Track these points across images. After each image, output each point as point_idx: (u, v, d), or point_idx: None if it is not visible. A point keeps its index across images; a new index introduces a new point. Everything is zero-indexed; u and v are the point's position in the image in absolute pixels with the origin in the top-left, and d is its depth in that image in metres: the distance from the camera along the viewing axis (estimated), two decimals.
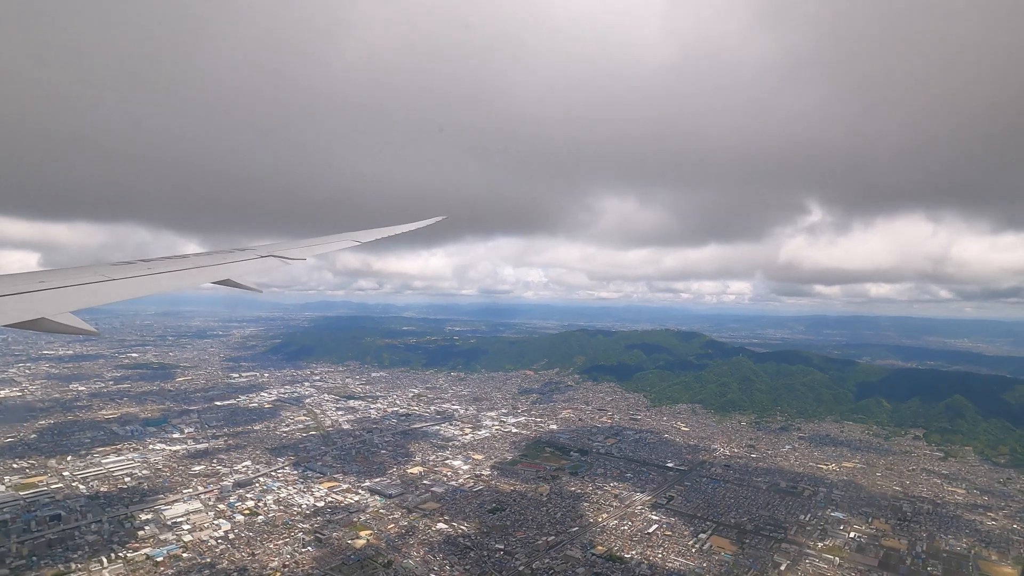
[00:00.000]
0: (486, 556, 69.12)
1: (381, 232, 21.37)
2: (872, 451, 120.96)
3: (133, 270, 11.44)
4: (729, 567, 68.45)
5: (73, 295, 9.25)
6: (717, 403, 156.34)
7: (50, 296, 8.92)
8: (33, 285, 9.17)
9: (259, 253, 15.41)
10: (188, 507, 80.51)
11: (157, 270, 11.82)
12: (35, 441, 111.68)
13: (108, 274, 10.73)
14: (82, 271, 10.86)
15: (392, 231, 22.40)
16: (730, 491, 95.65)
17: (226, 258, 14.39)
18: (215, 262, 13.68)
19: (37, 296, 8.80)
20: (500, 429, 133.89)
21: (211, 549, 68.37)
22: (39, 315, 8.02)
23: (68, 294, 9.22)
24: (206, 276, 12.40)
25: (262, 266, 14.50)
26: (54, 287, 9.30)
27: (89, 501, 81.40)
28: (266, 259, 14.96)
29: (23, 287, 8.99)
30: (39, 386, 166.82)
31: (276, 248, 16.49)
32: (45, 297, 8.84)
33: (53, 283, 9.45)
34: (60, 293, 9.14)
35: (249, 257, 14.81)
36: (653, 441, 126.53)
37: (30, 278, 9.65)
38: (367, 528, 75.97)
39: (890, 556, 73.18)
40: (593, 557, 69.50)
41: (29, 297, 8.70)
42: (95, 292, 9.69)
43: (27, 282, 9.30)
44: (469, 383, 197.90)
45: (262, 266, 14.50)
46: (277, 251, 15.90)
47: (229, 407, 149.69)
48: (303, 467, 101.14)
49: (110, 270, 11.12)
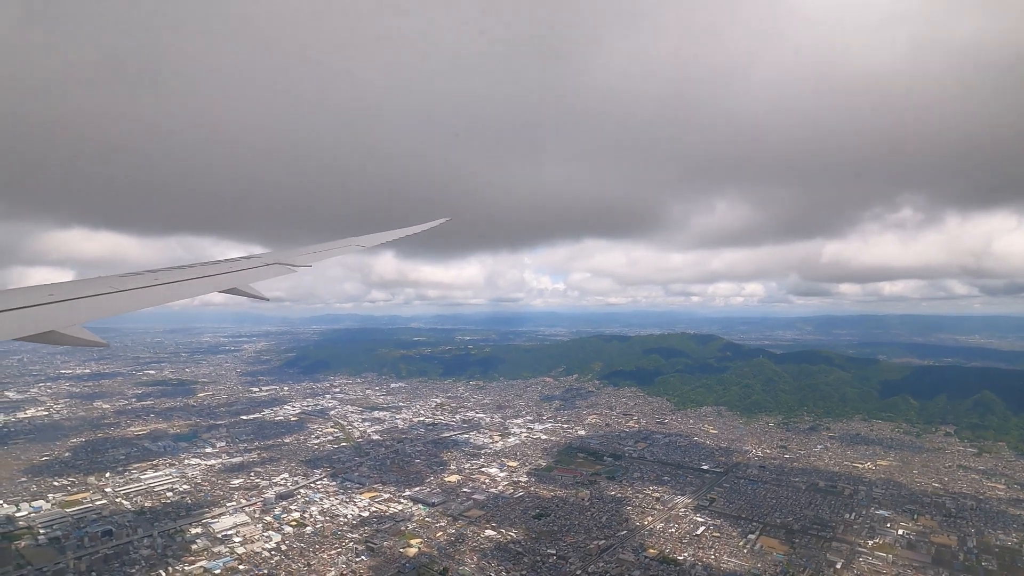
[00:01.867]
0: (539, 561, 69.18)
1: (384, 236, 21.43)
2: (905, 449, 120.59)
3: (141, 281, 11.43)
4: (784, 567, 68.37)
5: (83, 307, 9.29)
6: (742, 405, 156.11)
7: (60, 309, 8.96)
8: (43, 298, 9.20)
9: (265, 261, 15.26)
10: (235, 520, 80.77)
11: (164, 280, 11.76)
12: (70, 459, 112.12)
13: (117, 285, 10.72)
14: (91, 283, 10.84)
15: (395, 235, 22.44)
16: (770, 492, 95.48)
17: (232, 267, 14.31)
18: (221, 271, 13.64)
19: (47, 309, 8.83)
20: (529, 436, 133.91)
21: (266, 561, 68.60)
22: (49, 328, 8.07)
23: (78, 306, 9.26)
24: (213, 285, 12.26)
25: (268, 274, 14.34)
26: (64, 300, 9.34)
27: (136, 516, 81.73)
28: (272, 266, 14.81)
29: (33, 300, 9.02)
30: (64, 405, 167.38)
31: (281, 255, 16.38)
32: (55, 310, 8.86)
33: (63, 296, 9.50)
34: (70, 306, 9.17)
35: (255, 265, 14.69)
36: (684, 444, 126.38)
37: (40, 291, 9.71)
38: (416, 536, 76.10)
39: (942, 552, 72.94)
40: (647, 560, 69.48)
41: (39, 310, 8.72)
42: (105, 304, 9.69)
43: (37, 295, 9.35)
44: (489, 391, 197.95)
45: (268, 274, 14.34)
46: (283, 258, 15.77)
47: (255, 421, 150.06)
48: (341, 478, 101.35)
49: (119, 281, 11.12)
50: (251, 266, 14.50)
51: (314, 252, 17.24)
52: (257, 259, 15.40)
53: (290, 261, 15.41)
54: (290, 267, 14.96)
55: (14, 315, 8.34)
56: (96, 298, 9.80)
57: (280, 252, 17.32)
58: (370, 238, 20.27)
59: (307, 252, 17.15)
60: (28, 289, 10.06)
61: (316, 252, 17.27)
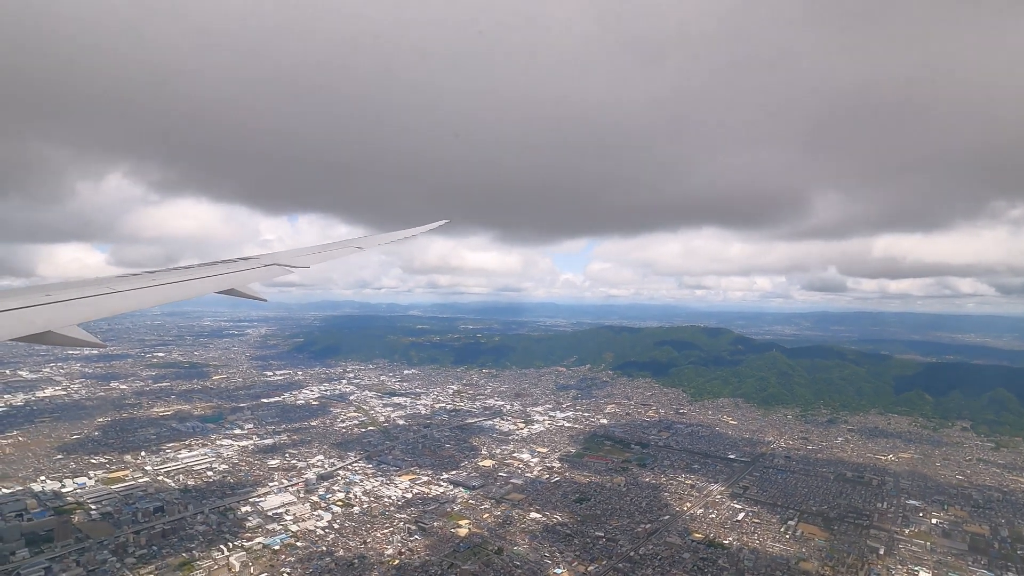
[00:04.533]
0: (590, 543, 70.62)
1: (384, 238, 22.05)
2: (924, 442, 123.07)
3: (138, 282, 11.51)
4: (828, 552, 70.18)
5: (79, 308, 9.34)
6: (759, 397, 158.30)
7: (56, 309, 9.01)
8: (39, 299, 9.26)
9: (263, 262, 15.43)
10: (282, 499, 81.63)
11: (161, 281, 11.90)
12: (100, 438, 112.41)
13: (113, 286, 10.79)
14: (88, 284, 10.92)
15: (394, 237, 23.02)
16: (799, 481, 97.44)
17: (230, 268, 14.45)
18: (219, 272, 13.75)
19: (44, 310, 8.89)
20: (552, 423, 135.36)
21: (321, 538, 69.60)
22: (45, 328, 8.15)
23: (74, 307, 9.30)
24: (210, 286, 12.46)
25: (266, 275, 14.55)
26: (60, 300, 9.41)
27: (183, 494, 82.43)
28: (270, 267, 15.00)
29: (30, 301, 9.08)
30: (80, 385, 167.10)
31: (280, 256, 16.53)
32: (51, 310, 8.92)
33: (59, 296, 9.57)
34: (66, 306, 9.24)
35: (253, 266, 14.85)
36: (706, 434, 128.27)
37: (36, 292, 9.80)
38: (464, 518, 77.30)
39: (977, 541, 75.05)
40: (694, 543, 71.10)
41: (36, 311, 8.77)
42: (101, 304, 9.76)
43: (33, 296, 9.41)
44: (503, 379, 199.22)
45: (266, 275, 14.55)
46: (281, 259, 15.96)
47: (277, 404, 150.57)
48: (376, 461, 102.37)
49: (115, 282, 11.24)
50: (249, 267, 14.72)
51: (313, 253, 17.59)
52: (255, 260, 15.61)
53: (288, 262, 15.68)
54: (288, 268, 15.24)
55: (11, 315, 8.35)
56: (93, 299, 9.91)
57: (279, 253, 17.51)
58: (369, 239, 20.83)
59: (306, 253, 17.47)
60: (25, 289, 10.18)
61: (315, 254, 17.64)
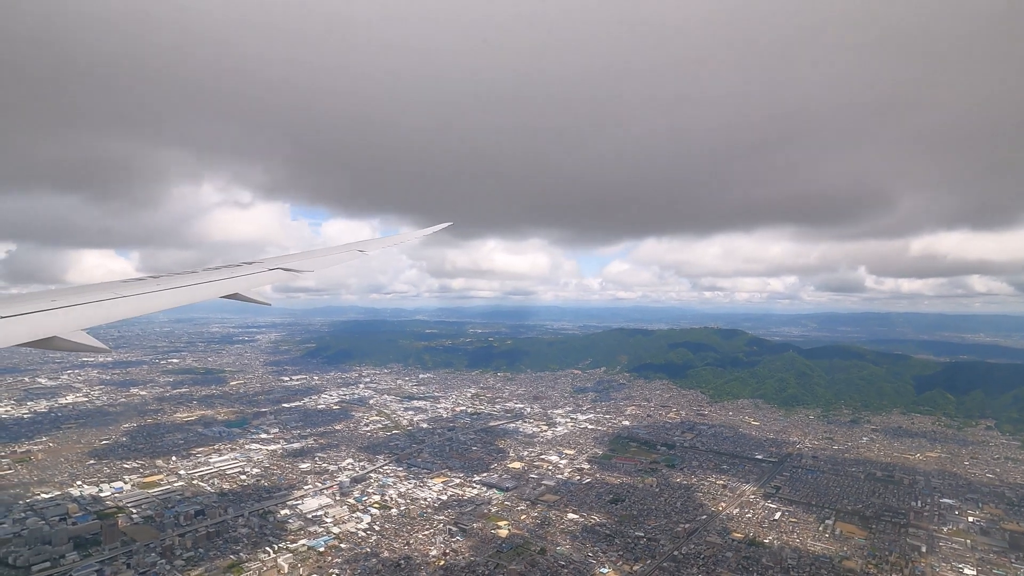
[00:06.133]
0: (631, 543, 70.77)
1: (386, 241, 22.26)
2: (949, 441, 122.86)
3: (143, 286, 11.58)
4: (869, 551, 70.18)
5: (85, 313, 9.39)
6: (778, 398, 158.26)
7: (62, 314, 9.05)
8: (45, 304, 9.29)
9: (267, 266, 15.47)
10: (319, 502, 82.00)
11: (167, 286, 11.97)
12: (129, 443, 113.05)
13: (119, 291, 10.86)
14: (93, 289, 10.97)
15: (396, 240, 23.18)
16: (830, 480, 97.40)
17: (234, 272, 14.45)
18: (224, 276, 13.77)
19: (49, 315, 8.92)
20: (575, 426, 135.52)
21: (364, 540, 69.91)
22: (52, 334, 8.19)
23: (80, 312, 9.36)
24: (215, 290, 12.50)
25: (270, 279, 14.64)
26: (66, 305, 9.45)
27: (220, 497, 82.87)
28: (274, 272, 15.08)
29: (35, 306, 9.12)
30: (101, 391, 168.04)
31: (284, 261, 16.61)
32: (57, 315, 8.95)
33: (65, 302, 9.61)
34: (72, 311, 9.29)
35: (257, 271, 14.88)
36: (730, 435, 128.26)
37: (42, 297, 9.88)
38: (502, 519, 77.53)
39: (1017, 539, 74.91)
40: (734, 542, 71.19)
41: (41, 316, 8.80)
42: (107, 309, 9.83)
43: (39, 301, 9.47)
44: (520, 383, 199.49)
45: (270, 279, 14.64)
46: (285, 264, 16.00)
47: (299, 409, 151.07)
48: (406, 463, 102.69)
49: (121, 287, 11.31)
50: (254, 271, 14.76)
51: (317, 257, 17.69)
52: (260, 264, 15.72)
53: (293, 266, 15.75)
54: (293, 272, 15.33)
55: (18, 321, 8.43)
56: (99, 304, 9.97)
57: (283, 257, 17.65)
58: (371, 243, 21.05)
59: (310, 257, 17.58)
60: (31, 295, 10.27)
61: (319, 258, 17.73)
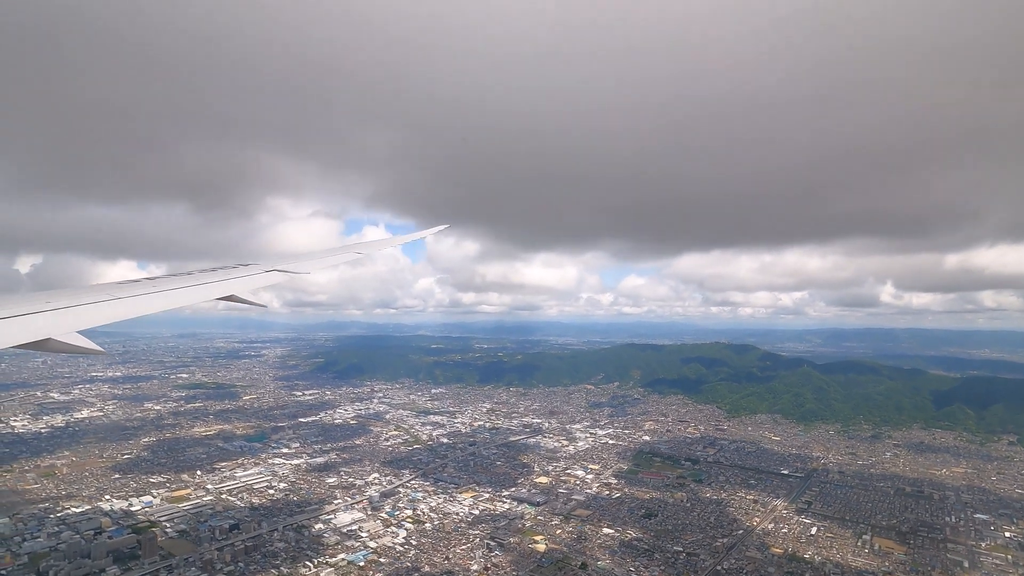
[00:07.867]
0: (671, 558, 70.27)
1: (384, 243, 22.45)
2: (973, 456, 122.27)
3: (138, 288, 11.48)
4: (911, 566, 69.66)
5: (80, 315, 9.32)
6: (796, 413, 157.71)
7: (57, 316, 8.98)
8: (40, 306, 9.22)
9: (263, 268, 15.30)
10: (351, 516, 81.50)
11: (162, 288, 11.83)
12: (151, 457, 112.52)
13: (114, 293, 10.79)
14: (89, 291, 10.92)
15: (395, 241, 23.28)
16: (860, 495, 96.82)
17: (230, 274, 14.24)
18: (219, 278, 13.58)
19: (44, 317, 8.86)
20: (596, 441, 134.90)
21: (403, 554, 69.43)
22: (46, 335, 8.13)
23: (75, 314, 9.28)
24: (211, 292, 12.31)
25: (267, 280, 14.41)
26: (61, 307, 9.37)
27: (252, 512, 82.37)
28: (270, 273, 14.87)
29: (30, 308, 9.04)
30: (114, 406, 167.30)
31: (281, 262, 16.44)
32: (52, 317, 8.89)
33: (60, 303, 9.54)
34: (67, 313, 9.22)
35: (253, 272, 14.68)
36: (752, 450, 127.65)
37: (37, 298, 9.80)
38: (538, 534, 77.03)
39: None
40: (774, 557, 70.68)
41: (36, 318, 8.73)
42: (102, 311, 9.73)
43: (34, 303, 9.39)
44: (533, 397, 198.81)
45: (267, 280, 14.41)
46: (281, 265, 15.82)
47: (316, 423, 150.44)
48: (433, 478, 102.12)
49: (116, 289, 11.27)
50: (250, 273, 14.59)
51: (314, 259, 17.63)
52: (256, 266, 15.56)
53: (289, 268, 15.65)
54: (290, 274, 15.21)
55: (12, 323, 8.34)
56: (94, 305, 9.88)
57: (280, 259, 17.62)
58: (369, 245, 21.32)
59: (307, 259, 17.52)
60: (25, 296, 10.22)
61: (316, 259, 17.66)
